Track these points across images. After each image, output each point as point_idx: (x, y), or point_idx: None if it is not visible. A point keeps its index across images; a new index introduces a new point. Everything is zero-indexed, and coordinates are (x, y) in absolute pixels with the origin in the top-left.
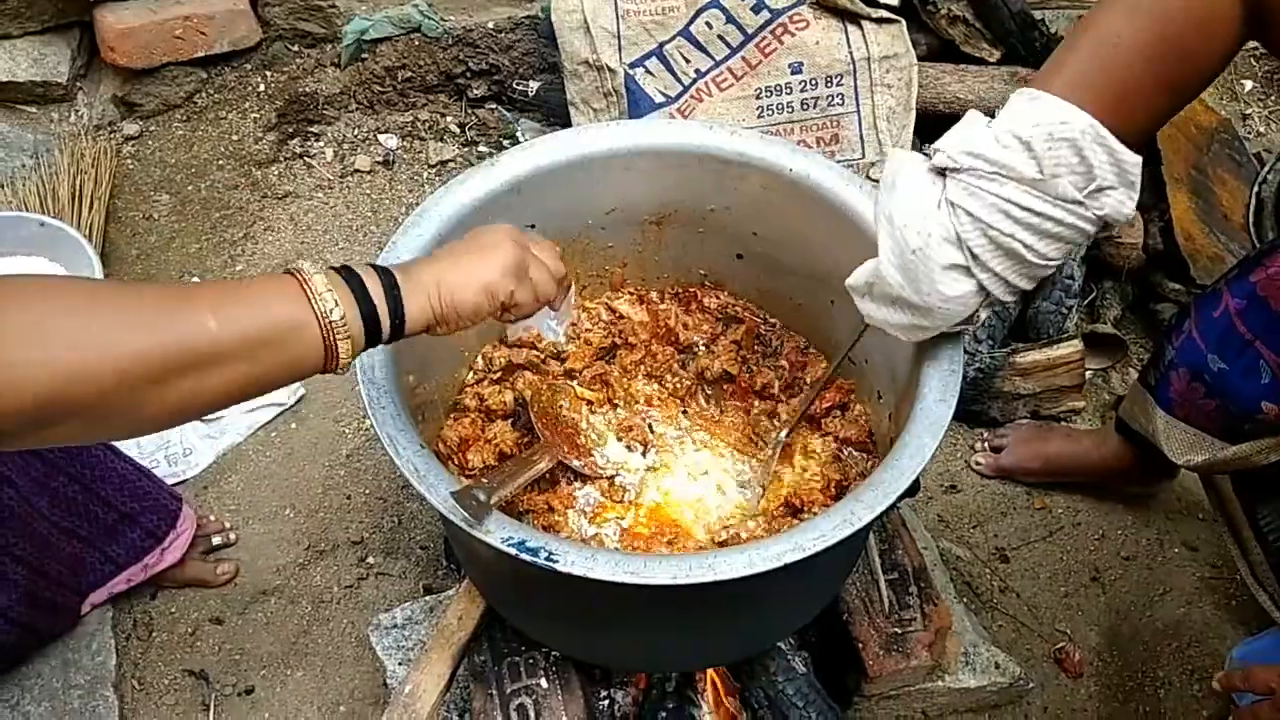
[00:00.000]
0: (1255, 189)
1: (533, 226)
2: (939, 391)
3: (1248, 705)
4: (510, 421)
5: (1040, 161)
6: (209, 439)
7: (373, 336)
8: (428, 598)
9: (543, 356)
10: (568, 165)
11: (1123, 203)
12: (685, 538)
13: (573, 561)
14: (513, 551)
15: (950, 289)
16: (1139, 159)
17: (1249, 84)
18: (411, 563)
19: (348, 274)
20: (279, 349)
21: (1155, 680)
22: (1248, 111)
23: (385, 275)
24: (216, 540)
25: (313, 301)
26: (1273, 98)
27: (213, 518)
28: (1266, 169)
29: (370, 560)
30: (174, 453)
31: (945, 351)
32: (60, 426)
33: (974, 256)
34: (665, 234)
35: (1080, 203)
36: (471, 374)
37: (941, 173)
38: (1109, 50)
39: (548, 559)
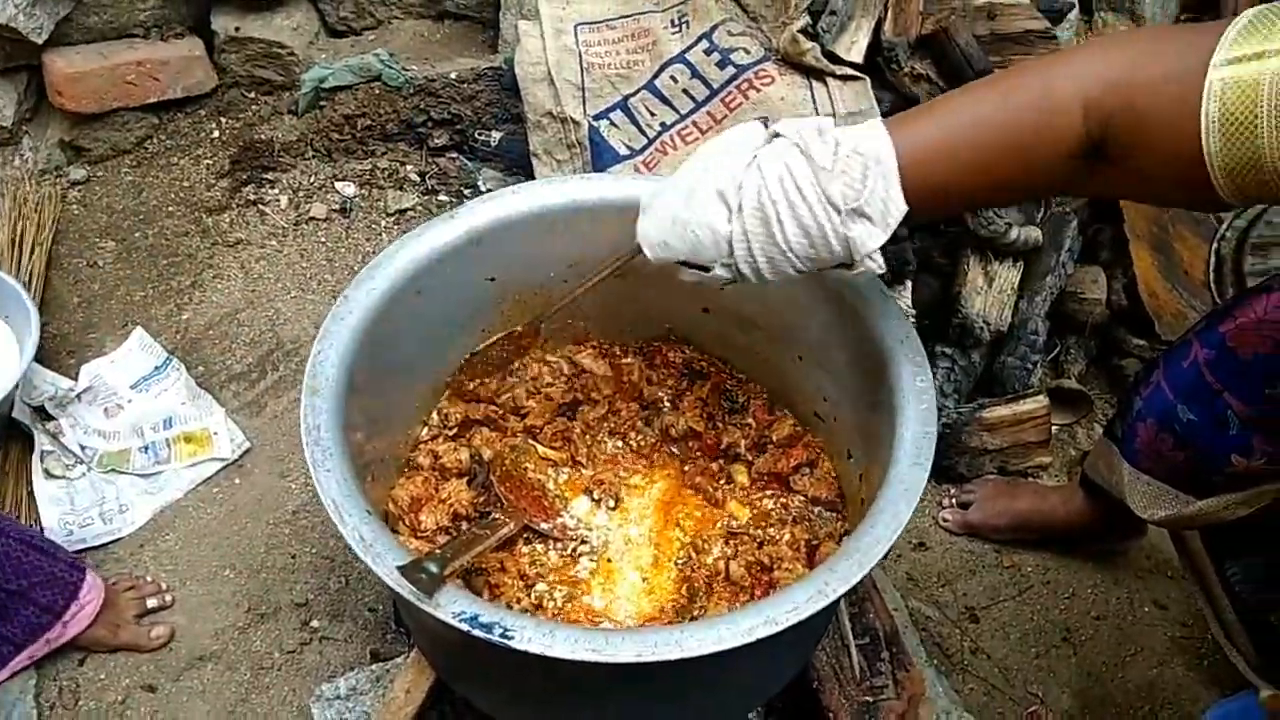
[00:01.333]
0: (1215, 245)
1: (492, 280)
2: (913, 455)
3: None
4: (466, 480)
5: (835, 160)
6: (146, 495)
7: None
8: (374, 666)
9: (501, 412)
10: (529, 217)
11: (870, 236)
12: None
13: (529, 639)
14: (465, 628)
15: (711, 218)
16: (904, 209)
17: None
18: (358, 626)
19: None
20: None
21: None
22: None
23: None
24: (152, 603)
25: None
26: None
27: (149, 579)
28: (1225, 226)
29: (315, 624)
30: (109, 510)
31: (919, 413)
32: None
33: (740, 207)
34: (630, 287)
35: (839, 210)
36: (425, 429)
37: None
38: (959, 121)
39: (502, 635)
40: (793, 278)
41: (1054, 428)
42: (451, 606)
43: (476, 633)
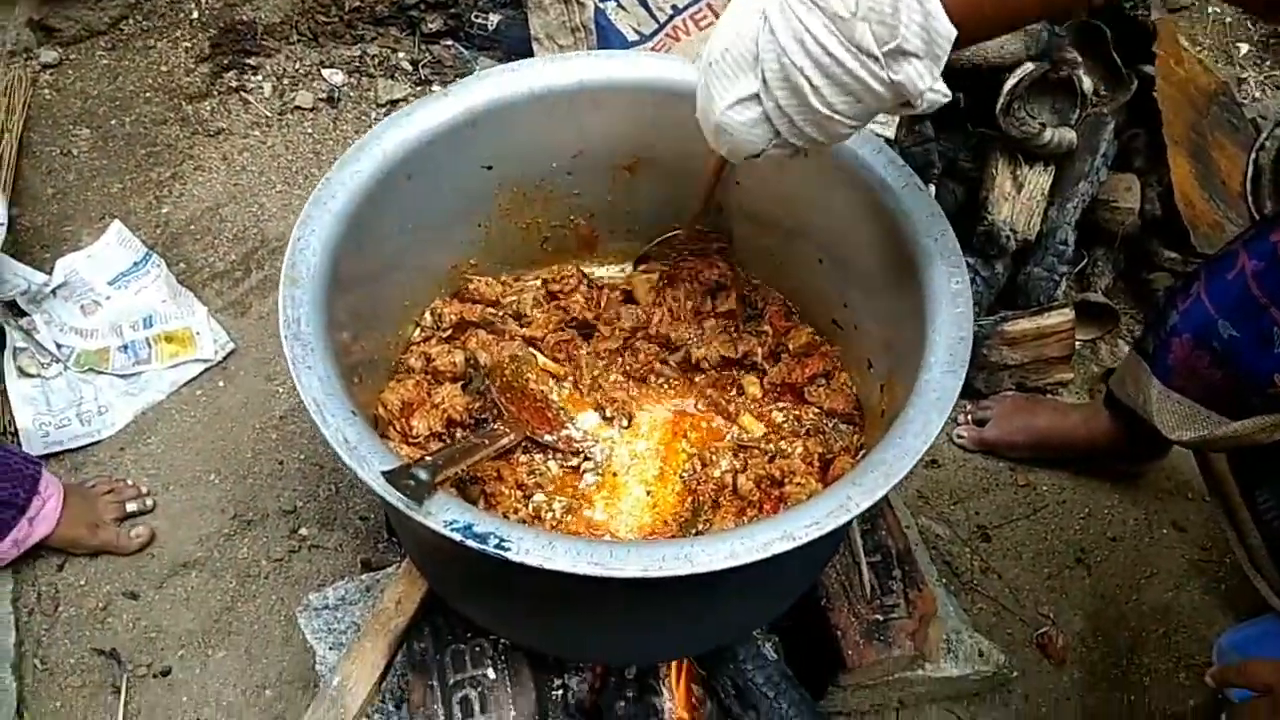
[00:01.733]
0: (1253, 155)
1: (489, 168)
2: (946, 361)
3: (1245, 701)
4: (460, 385)
5: (856, 1)
6: (127, 396)
7: None
8: (364, 576)
9: (500, 314)
10: (530, 99)
11: (922, 76)
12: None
13: (528, 550)
14: (458, 538)
15: (738, 115)
16: (953, 33)
17: (1245, 47)
18: (349, 535)
19: None
20: None
21: (1141, 668)
22: (1244, 75)
23: None
24: (132, 506)
25: None
26: (1269, 62)
27: (129, 482)
28: (1264, 136)
29: (303, 532)
30: (87, 411)
31: (954, 316)
32: None
33: (765, 82)
34: (637, 182)
35: (876, 58)
36: (418, 331)
37: None
38: None
39: (497, 547)
40: (848, 135)
41: (1077, 343)
42: (443, 515)
43: (470, 543)
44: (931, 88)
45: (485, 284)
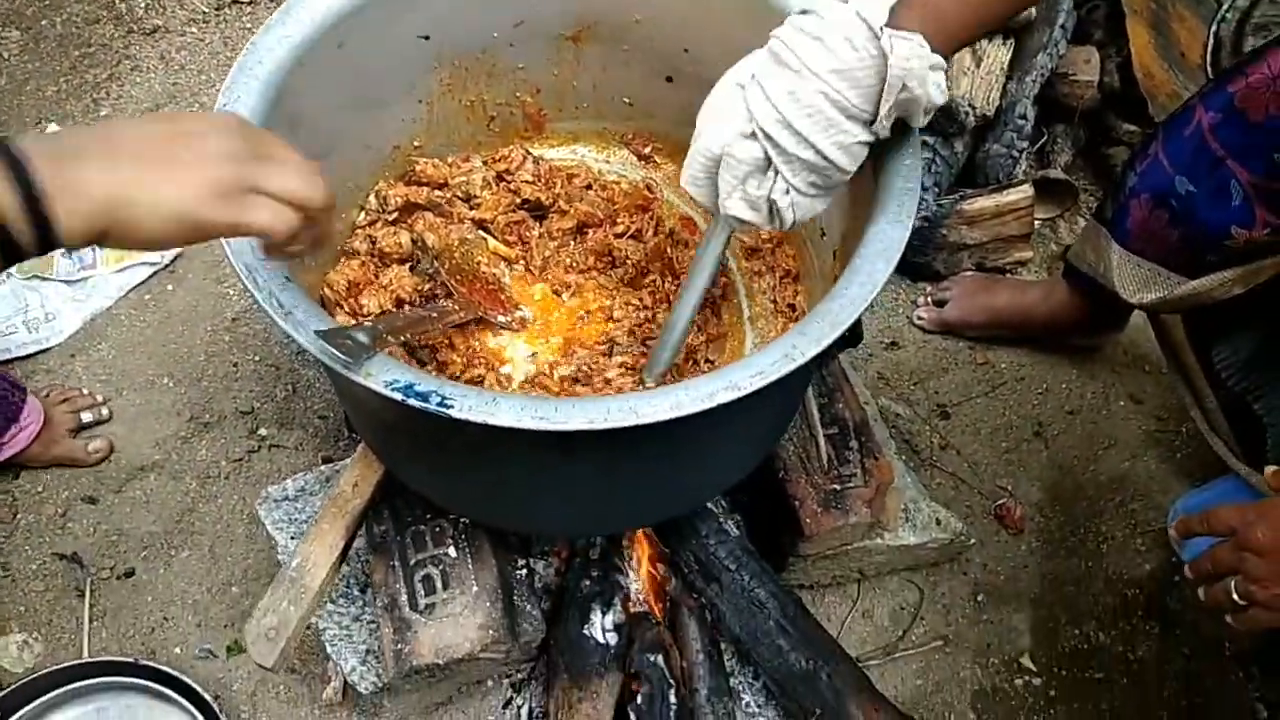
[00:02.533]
0: (1214, 27)
1: (426, 39)
2: (894, 212)
3: (1205, 550)
4: (408, 266)
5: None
6: (74, 302)
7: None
8: (324, 467)
9: (448, 196)
10: None
11: (918, 100)
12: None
13: (470, 407)
14: (399, 397)
15: (739, 208)
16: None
17: None
18: (308, 434)
19: None
20: None
21: (1098, 535)
22: None
23: (16, 170)
24: (87, 416)
25: None
26: None
27: (84, 391)
28: (1225, 7)
29: (262, 432)
30: (34, 318)
31: (901, 168)
32: None
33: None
34: (583, 53)
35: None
36: (363, 214)
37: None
38: None
39: (440, 404)
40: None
41: (1037, 221)
42: (384, 375)
43: (412, 402)
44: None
45: (432, 165)
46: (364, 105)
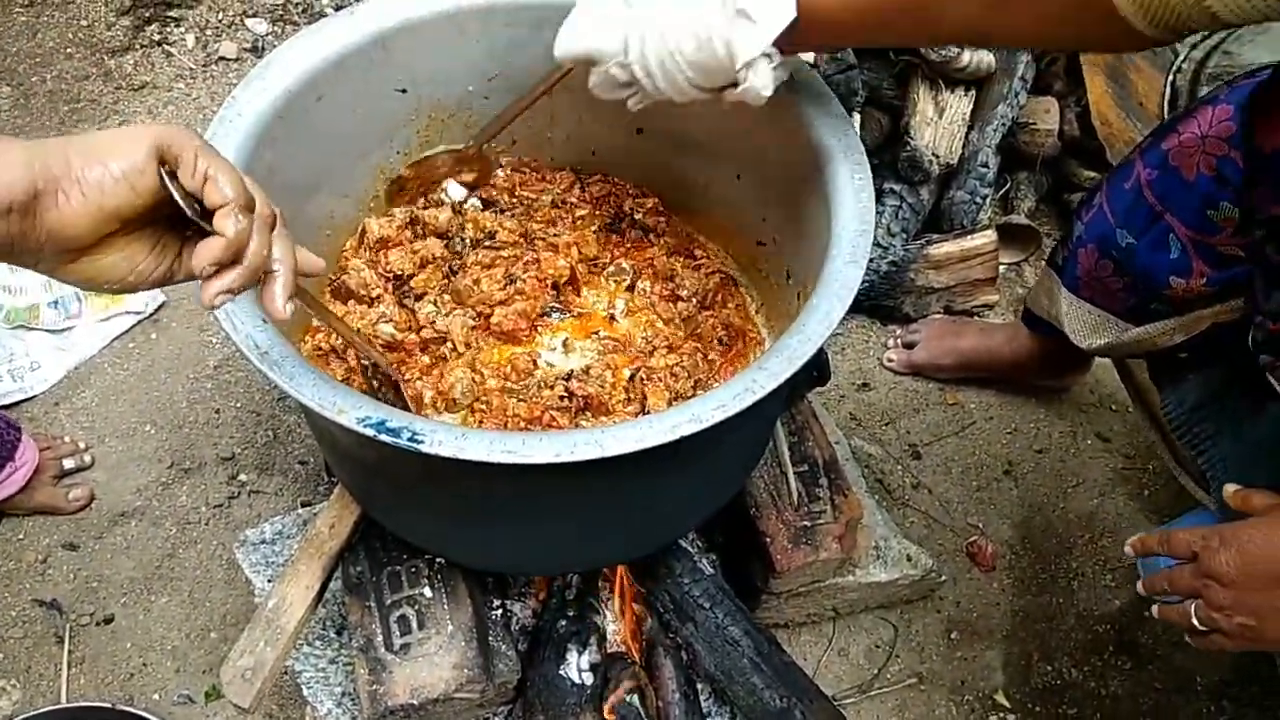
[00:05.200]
0: (1170, 77)
1: (403, 92)
2: (849, 253)
3: (1164, 570)
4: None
5: None
6: (58, 351)
7: None
8: (300, 511)
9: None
10: (441, 18)
11: (750, 38)
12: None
13: (440, 442)
14: (370, 433)
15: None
16: (790, 15)
17: None
18: (288, 479)
19: None
20: None
21: (1068, 572)
22: None
23: None
24: (69, 464)
25: None
26: None
27: (66, 439)
28: (1181, 57)
29: (242, 478)
30: (18, 367)
31: (856, 210)
32: None
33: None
34: (556, 105)
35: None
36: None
37: None
38: None
39: (411, 440)
40: (686, 94)
41: (1002, 266)
42: (356, 412)
43: (384, 438)
44: (754, 67)
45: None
46: (342, 155)
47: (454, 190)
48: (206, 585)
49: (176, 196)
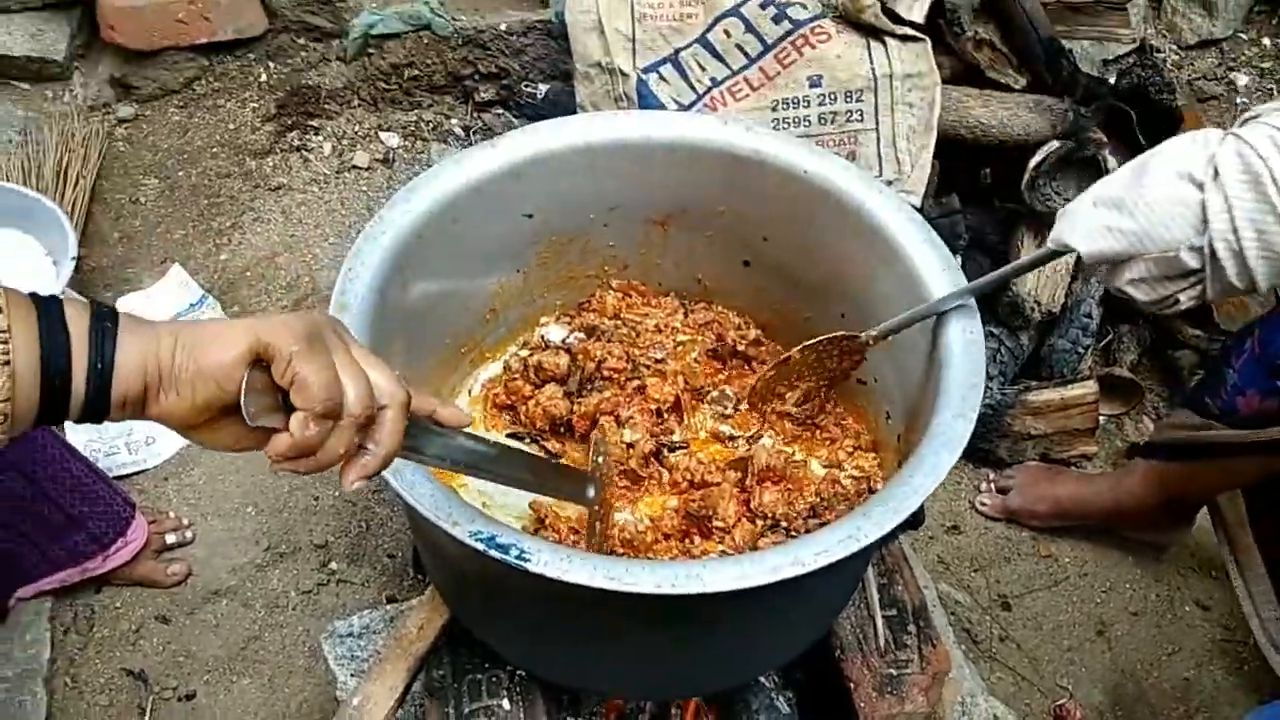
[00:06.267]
0: None
1: (530, 217)
2: (958, 406)
3: None
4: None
5: None
6: None
7: (54, 391)
8: (389, 607)
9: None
10: (572, 153)
11: None
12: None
13: (546, 562)
14: (480, 547)
15: (1174, 189)
16: None
17: None
18: (376, 571)
19: (46, 298)
20: None
21: None
22: None
23: (104, 308)
24: (171, 539)
25: None
26: None
27: (171, 514)
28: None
29: (333, 565)
30: (135, 440)
31: (967, 364)
32: None
33: (1215, 175)
34: (670, 235)
35: None
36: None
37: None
38: None
39: (518, 557)
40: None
41: (1101, 417)
42: (469, 526)
43: (493, 553)
44: None
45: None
46: (469, 271)
47: (554, 333)
48: (287, 671)
49: (242, 403)
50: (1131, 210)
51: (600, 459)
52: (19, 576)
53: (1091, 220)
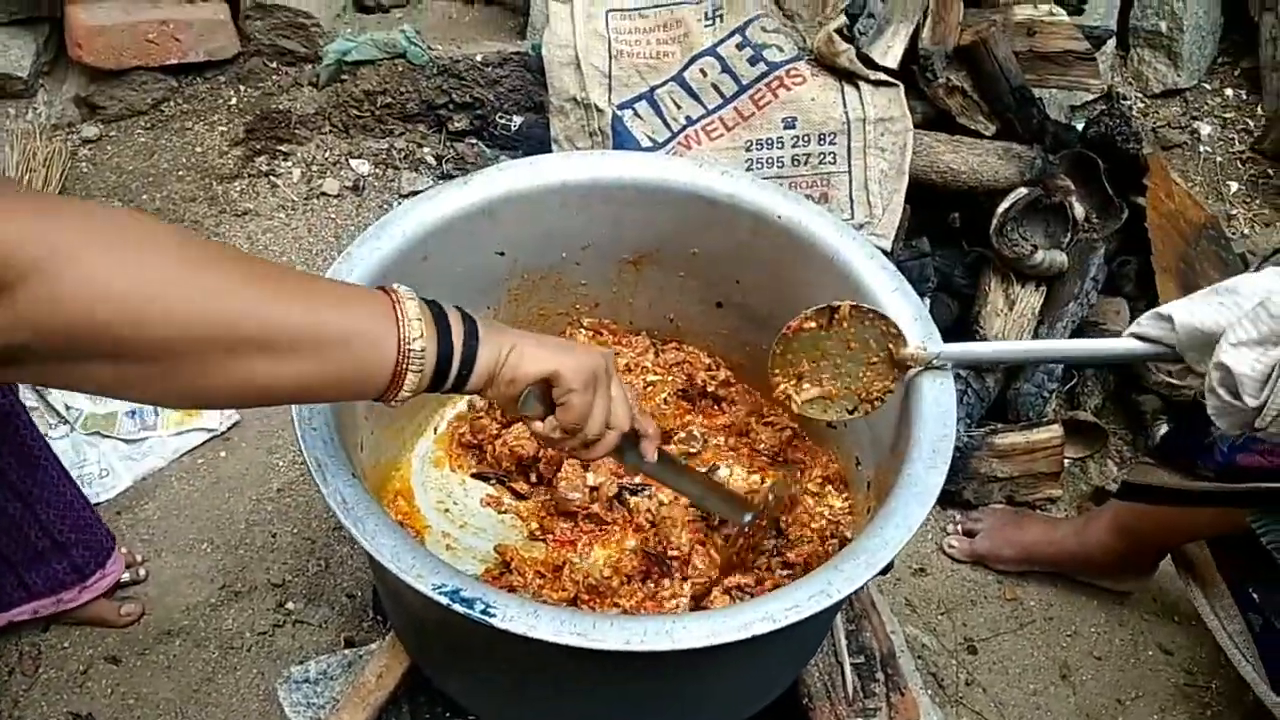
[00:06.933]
0: None
1: (501, 254)
2: (929, 457)
3: None
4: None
5: None
6: (129, 461)
7: (439, 378)
8: (346, 651)
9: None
10: (546, 191)
11: None
12: None
13: (512, 617)
14: (444, 601)
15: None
16: None
17: (1235, 185)
18: (335, 612)
19: (435, 309)
20: (352, 359)
21: None
22: (1233, 212)
23: (468, 321)
24: (125, 576)
25: (400, 324)
26: (1257, 201)
27: (123, 550)
28: (1252, 270)
29: (290, 606)
30: (89, 473)
31: (938, 414)
32: (92, 364)
33: None
34: (642, 275)
35: None
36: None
37: None
38: None
39: (483, 613)
40: None
41: (1066, 460)
42: (432, 579)
43: (457, 608)
44: None
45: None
46: None
47: None
48: (241, 715)
49: (519, 401)
50: (1232, 288)
51: (773, 497)
52: None
53: (1189, 300)
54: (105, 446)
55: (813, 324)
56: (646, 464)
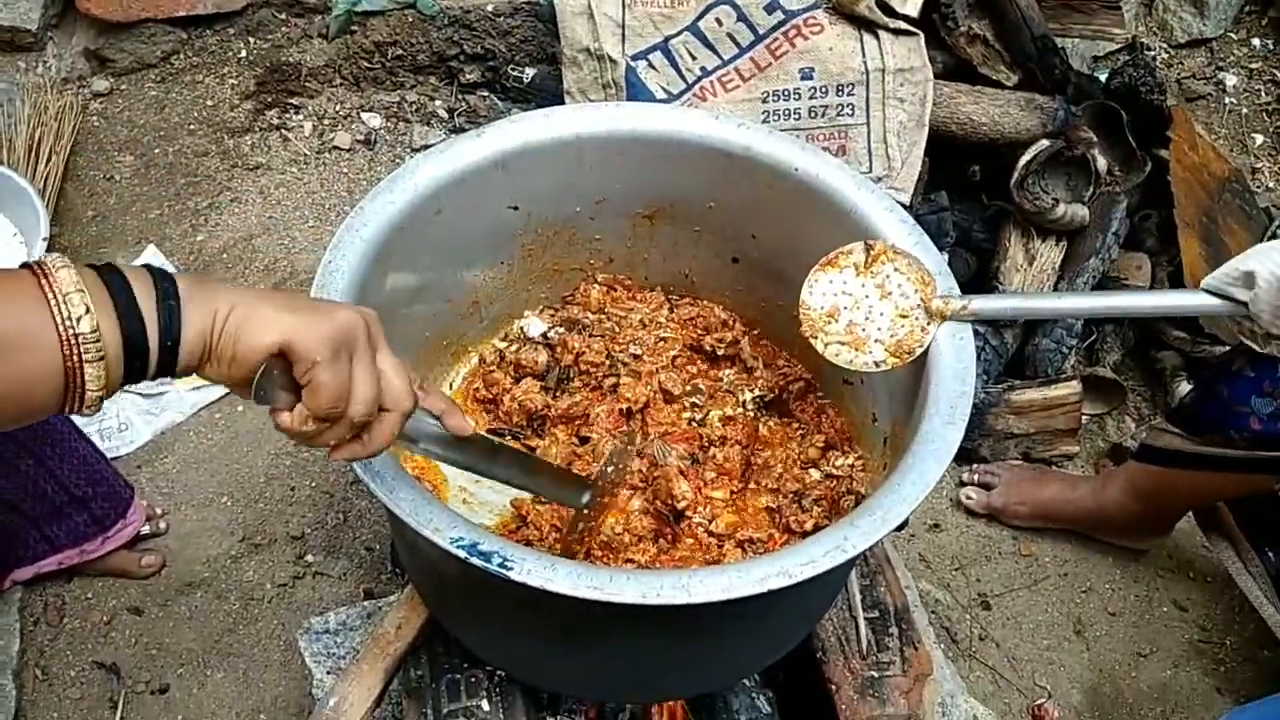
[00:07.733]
0: (1266, 240)
1: (515, 209)
2: (947, 413)
3: None
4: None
5: None
6: (148, 415)
7: (135, 361)
8: (366, 603)
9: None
10: (560, 144)
11: None
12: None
13: (529, 571)
14: (462, 555)
15: None
16: None
17: (1260, 138)
18: (353, 564)
19: (110, 274)
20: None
21: None
22: (1258, 165)
23: (165, 281)
24: (145, 529)
25: (54, 303)
26: None
27: (143, 503)
28: (1276, 224)
29: (309, 558)
30: (108, 427)
31: (956, 370)
32: None
33: None
34: (657, 230)
35: None
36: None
37: None
38: None
39: (500, 565)
40: None
41: (1084, 417)
42: (450, 532)
43: (475, 561)
44: None
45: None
46: (451, 264)
47: (533, 327)
48: (262, 665)
49: (253, 386)
50: None
51: (611, 469)
52: (18, 558)
53: (1265, 250)
54: (124, 401)
55: (849, 260)
56: (448, 450)
